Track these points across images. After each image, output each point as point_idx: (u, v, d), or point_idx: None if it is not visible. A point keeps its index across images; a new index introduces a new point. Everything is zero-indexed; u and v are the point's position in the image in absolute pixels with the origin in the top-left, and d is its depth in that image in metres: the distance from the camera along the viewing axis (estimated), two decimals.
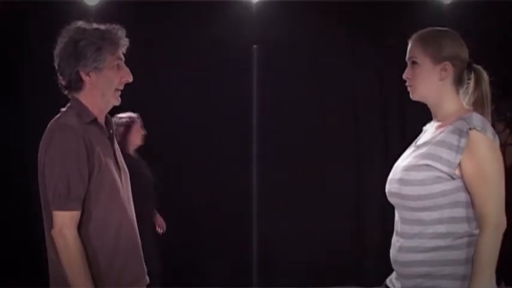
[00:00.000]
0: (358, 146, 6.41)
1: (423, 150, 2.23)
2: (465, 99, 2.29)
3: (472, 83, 2.29)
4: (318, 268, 6.27)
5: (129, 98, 2.58)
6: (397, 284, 2.33)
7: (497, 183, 2.13)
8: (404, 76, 2.33)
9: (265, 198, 6.24)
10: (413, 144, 2.38)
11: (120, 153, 2.54)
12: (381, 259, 6.29)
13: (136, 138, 4.84)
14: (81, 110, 2.37)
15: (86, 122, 2.35)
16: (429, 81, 2.26)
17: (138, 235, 2.52)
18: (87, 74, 2.35)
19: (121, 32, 2.40)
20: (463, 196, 2.15)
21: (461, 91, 2.30)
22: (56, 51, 2.38)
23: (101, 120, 2.44)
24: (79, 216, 2.28)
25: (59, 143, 2.25)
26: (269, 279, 6.25)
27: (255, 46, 6.17)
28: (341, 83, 6.29)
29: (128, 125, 4.80)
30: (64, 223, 2.25)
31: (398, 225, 2.30)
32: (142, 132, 4.90)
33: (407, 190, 2.20)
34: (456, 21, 6.13)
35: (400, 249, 2.25)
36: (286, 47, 6.11)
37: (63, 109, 2.41)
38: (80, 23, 2.40)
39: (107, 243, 2.34)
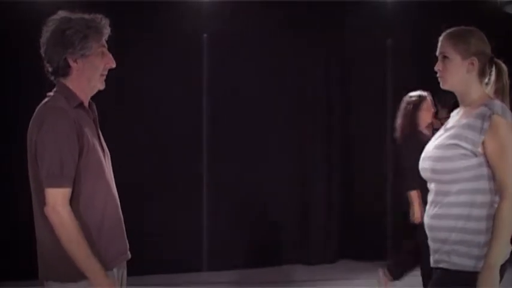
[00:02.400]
0: (302, 131, 6.68)
1: (451, 132, 2.58)
2: (487, 88, 2.65)
3: (493, 75, 2.64)
4: (266, 249, 6.52)
5: None
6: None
7: None
8: (436, 68, 2.66)
9: (214, 182, 6.43)
10: (443, 127, 2.73)
11: (101, 135, 2.69)
12: (326, 238, 6.63)
13: (426, 115, 5.01)
14: (69, 95, 2.49)
15: (73, 105, 2.48)
16: (458, 74, 2.61)
17: (121, 212, 2.67)
18: (75, 61, 2.47)
19: (104, 21, 2.55)
20: (485, 170, 2.51)
21: (484, 81, 2.65)
22: (43, 40, 2.48)
23: (86, 104, 2.58)
24: (70, 194, 2.41)
25: (52, 124, 2.37)
26: (219, 263, 6.44)
27: (205, 35, 6.35)
28: (286, 71, 6.52)
29: (417, 103, 4.99)
30: (57, 200, 2.36)
31: (430, 196, 2.67)
32: (433, 109, 5.07)
33: (438, 165, 2.57)
34: (396, 19, 6.54)
35: (433, 216, 2.61)
36: (234, 36, 6.32)
37: (50, 93, 2.52)
38: (64, 13, 2.53)
39: (94, 218, 2.48)
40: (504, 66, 2.66)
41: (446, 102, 6.46)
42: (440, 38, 2.67)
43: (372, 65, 6.78)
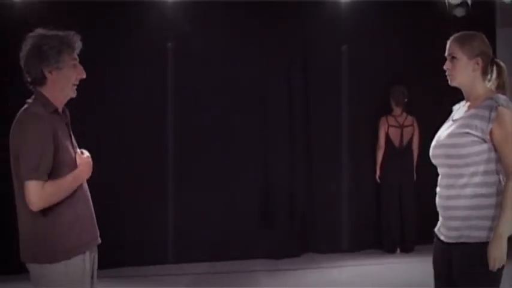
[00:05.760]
0: (265, 133, 6.94)
1: (461, 122, 3.01)
2: (488, 84, 3.08)
3: (494, 73, 3.08)
4: (228, 242, 6.76)
5: None
6: (442, 229, 3.07)
7: None
8: (445, 67, 3.06)
9: (180, 179, 6.69)
10: (450, 119, 3.14)
11: (73, 136, 3.08)
12: (285, 235, 6.90)
13: None
14: (45, 102, 2.89)
15: (49, 111, 2.87)
16: (465, 72, 3.03)
17: (91, 202, 3.06)
18: (50, 72, 2.87)
19: (76, 37, 2.95)
20: (493, 154, 2.93)
21: (487, 79, 3.08)
22: (22, 54, 2.89)
23: (60, 110, 2.97)
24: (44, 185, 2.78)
25: (32, 129, 2.77)
26: (184, 255, 6.68)
27: (169, 44, 6.65)
28: (249, 78, 6.83)
29: None
30: (35, 190, 2.73)
31: (443, 180, 3.07)
32: None
33: (453, 151, 2.98)
34: (352, 20, 6.82)
35: (448, 197, 3.02)
36: (198, 44, 6.62)
37: (29, 101, 2.92)
38: (41, 30, 2.92)
39: (68, 208, 2.87)
40: (503, 66, 3.10)
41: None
42: (449, 41, 3.08)
43: (330, 70, 7.05)
